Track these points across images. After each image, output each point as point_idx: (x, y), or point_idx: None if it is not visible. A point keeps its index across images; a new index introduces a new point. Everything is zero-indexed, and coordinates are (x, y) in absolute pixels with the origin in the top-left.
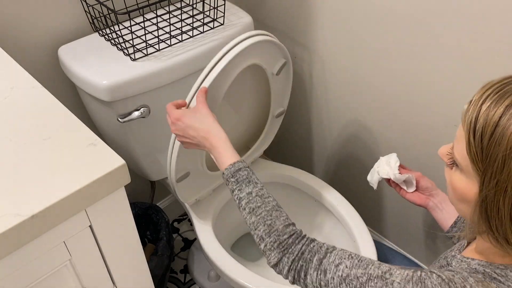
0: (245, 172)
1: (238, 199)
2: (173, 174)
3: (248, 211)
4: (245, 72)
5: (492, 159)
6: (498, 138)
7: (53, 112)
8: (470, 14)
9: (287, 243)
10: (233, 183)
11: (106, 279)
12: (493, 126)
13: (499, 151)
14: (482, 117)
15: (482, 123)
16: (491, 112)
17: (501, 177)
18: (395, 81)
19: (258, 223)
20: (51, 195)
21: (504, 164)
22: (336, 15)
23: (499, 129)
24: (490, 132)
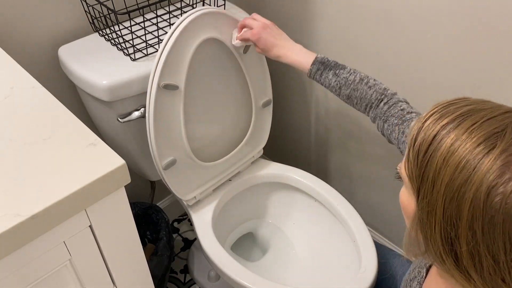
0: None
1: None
2: (156, 158)
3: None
4: (215, 55)
5: (424, 178)
6: (430, 157)
7: (53, 112)
8: (470, 14)
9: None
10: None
11: (106, 279)
12: (427, 144)
13: (430, 170)
14: (420, 134)
15: (420, 140)
16: (429, 130)
17: (431, 198)
18: (395, 81)
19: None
20: (51, 195)
21: (434, 185)
22: (336, 15)
23: (431, 148)
24: (424, 151)
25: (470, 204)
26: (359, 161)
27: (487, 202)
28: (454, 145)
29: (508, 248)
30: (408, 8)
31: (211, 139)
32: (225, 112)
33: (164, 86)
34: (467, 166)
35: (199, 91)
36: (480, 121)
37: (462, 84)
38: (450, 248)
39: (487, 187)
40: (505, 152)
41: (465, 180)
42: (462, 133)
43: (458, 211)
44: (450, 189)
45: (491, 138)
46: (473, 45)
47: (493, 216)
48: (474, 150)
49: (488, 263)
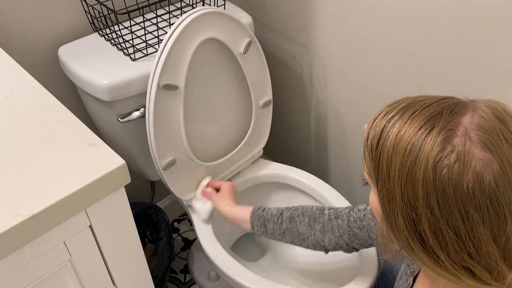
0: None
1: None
2: (156, 158)
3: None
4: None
5: (380, 169)
6: (382, 149)
7: (53, 112)
8: (471, 14)
9: None
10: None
11: (106, 279)
12: (377, 138)
13: (383, 161)
14: (371, 132)
15: (370, 137)
16: (377, 126)
17: (389, 185)
18: (395, 81)
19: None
20: (51, 195)
21: (389, 173)
22: (336, 15)
23: (381, 140)
24: (375, 145)
25: (422, 182)
26: (359, 161)
27: (436, 177)
28: (400, 133)
29: (465, 217)
30: (408, 8)
31: (211, 139)
32: (225, 112)
33: (164, 86)
34: (413, 148)
35: (199, 91)
36: (419, 109)
37: (462, 84)
38: (414, 230)
39: (433, 162)
40: (444, 129)
41: (413, 161)
42: (405, 122)
43: (414, 191)
44: (403, 172)
45: (430, 120)
46: (473, 45)
47: (444, 189)
48: (417, 133)
49: (451, 238)
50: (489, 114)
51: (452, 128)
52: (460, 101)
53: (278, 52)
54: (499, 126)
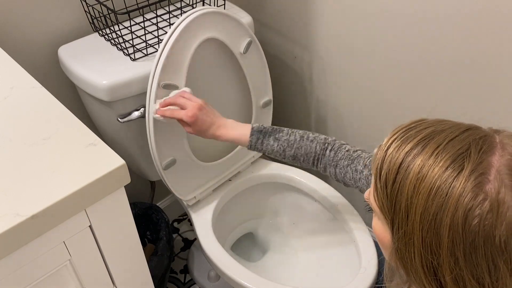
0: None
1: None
2: (156, 158)
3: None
4: (215, 55)
5: (397, 209)
6: (400, 186)
7: (53, 112)
8: (471, 14)
9: None
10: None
11: (106, 279)
12: (394, 173)
13: (401, 200)
14: (386, 163)
15: (385, 169)
16: (393, 158)
17: (407, 228)
18: (395, 81)
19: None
20: (51, 195)
21: (408, 214)
22: (336, 15)
23: (399, 176)
24: (392, 180)
25: (448, 230)
26: None
27: (466, 226)
28: (422, 171)
29: (492, 269)
30: (408, 8)
31: (211, 139)
32: (225, 112)
33: (164, 86)
34: (439, 192)
35: (199, 91)
36: (443, 143)
37: (462, 83)
38: (433, 277)
39: (463, 211)
40: (475, 173)
41: (439, 207)
42: (428, 158)
43: (438, 239)
44: (426, 217)
45: (457, 159)
46: (473, 45)
47: (473, 240)
48: (443, 174)
49: (472, 286)
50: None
51: (483, 172)
52: (486, 135)
53: (278, 52)
54: None
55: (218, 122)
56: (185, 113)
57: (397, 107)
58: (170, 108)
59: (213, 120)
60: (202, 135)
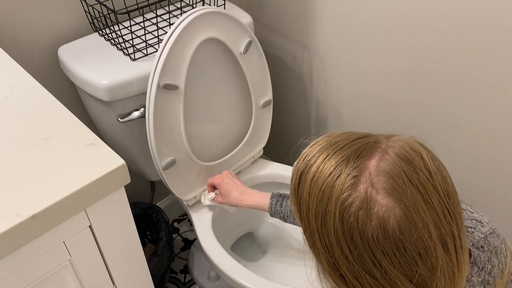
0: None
1: None
2: (156, 158)
3: None
4: (215, 55)
5: (301, 214)
6: (300, 193)
7: (53, 112)
8: (471, 16)
9: None
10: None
11: (106, 279)
12: (297, 183)
13: (303, 205)
14: (293, 175)
15: (294, 180)
16: (298, 170)
17: (310, 231)
18: (395, 81)
19: None
20: (51, 195)
21: (308, 218)
22: (337, 15)
23: (300, 186)
24: (296, 189)
25: (333, 229)
26: None
27: (344, 224)
28: (313, 179)
29: (376, 262)
30: (408, 8)
31: (211, 139)
32: (225, 112)
33: (164, 86)
34: (324, 195)
35: (199, 91)
36: (332, 152)
37: (462, 83)
38: (338, 274)
39: (340, 210)
40: (349, 176)
41: (325, 209)
42: (318, 167)
43: (329, 239)
44: (318, 220)
45: (339, 165)
46: (473, 45)
47: (352, 237)
48: (327, 179)
49: (369, 280)
50: (393, 156)
51: (357, 175)
52: (371, 143)
53: (278, 52)
54: (403, 168)
55: (242, 188)
56: (214, 178)
57: (397, 107)
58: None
59: (237, 184)
60: (229, 199)
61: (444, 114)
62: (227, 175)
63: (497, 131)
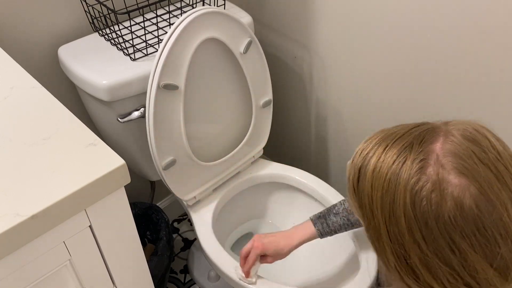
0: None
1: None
2: (156, 158)
3: None
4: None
5: (363, 208)
6: (361, 187)
7: (53, 112)
8: (471, 16)
9: None
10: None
11: (106, 279)
12: (356, 176)
13: (365, 199)
14: (351, 170)
15: (351, 176)
16: (356, 164)
17: (374, 224)
18: (395, 81)
19: None
20: (51, 195)
21: (372, 211)
22: (337, 15)
23: (361, 178)
24: (356, 183)
25: (404, 217)
26: None
27: (416, 209)
28: (375, 170)
29: (454, 247)
30: (409, 8)
31: (211, 139)
32: (225, 112)
33: (164, 86)
34: (390, 184)
35: (199, 91)
36: (391, 142)
37: (462, 83)
38: (406, 267)
39: (410, 195)
40: (416, 160)
41: (392, 197)
42: (378, 157)
43: (398, 228)
44: (385, 210)
45: (402, 153)
46: (473, 45)
47: (426, 222)
48: (391, 167)
49: (443, 270)
50: (459, 137)
51: (424, 158)
52: (431, 128)
53: (278, 52)
54: (471, 148)
55: (280, 236)
56: (252, 249)
57: (397, 107)
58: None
59: (277, 237)
60: (281, 253)
61: (444, 114)
62: (259, 237)
63: (497, 131)
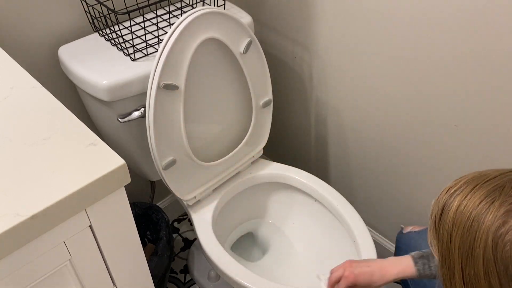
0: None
1: None
2: (156, 158)
3: None
4: (215, 55)
5: (440, 245)
6: (443, 223)
7: (53, 112)
8: (471, 16)
9: None
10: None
11: (106, 279)
12: (439, 213)
13: (443, 235)
14: (434, 207)
15: (434, 212)
16: (441, 201)
17: (449, 263)
18: (395, 81)
19: None
20: (51, 195)
21: (449, 249)
22: (337, 15)
23: (443, 215)
24: (438, 219)
25: (482, 259)
26: (359, 161)
27: (497, 253)
28: (460, 207)
29: None
30: (409, 8)
31: (211, 139)
32: (225, 112)
33: (164, 86)
34: (473, 224)
35: (199, 91)
36: (481, 182)
37: (463, 83)
38: None
39: (493, 238)
40: (505, 203)
41: (473, 238)
42: (465, 195)
43: (474, 270)
44: (463, 249)
45: (491, 194)
46: (474, 45)
47: (507, 267)
48: (477, 207)
49: None
50: None
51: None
52: None
53: (278, 52)
54: None
55: (378, 266)
56: (343, 278)
57: (397, 107)
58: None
59: (371, 267)
60: (373, 286)
61: (444, 114)
62: (351, 265)
63: (497, 131)
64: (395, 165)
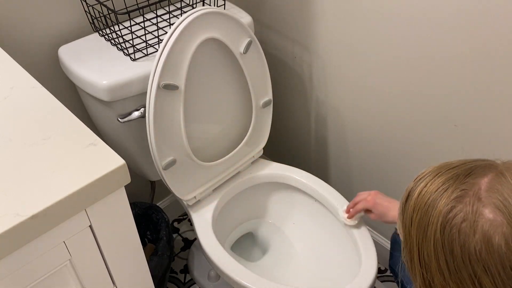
0: None
1: None
2: (156, 158)
3: None
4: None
5: (403, 228)
6: (406, 207)
7: (53, 112)
8: (471, 16)
9: None
10: None
11: (106, 279)
12: (405, 198)
13: (406, 219)
14: (404, 193)
15: (403, 197)
16: (408, 188)
17: (410, 245)
18: (395, 81)
19: None
20: (51, 195)
21: (410, 232)
22: (337, 15)
23: (408, 200)
24: (403, 204)
25: (433, 242)
26: (359, 161)
27: (444, 236)
28: (421, 193)
29: (476, 281)
30: (409, 8)
31: (211, 139)
32: (225, 112)
33: (164, 86)
34: (429, 209)
35: (199, 91)
36: (443, 171)
37: (463, 82)
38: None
39: (442, 221)
40: (457, 190)
41: (427, 221)
42: (427, 183)
43: (427, 252)
44: (419, 232)
45: (447, 181)
46: (474, 45)
47: (452, 249)
48: (434, 193)
49: None
50: (510, 180)
51: (466, 189)
52: (487, 164)
53: (278, 52)
54: None
55: (395, 206)
56: (364, 200)
57: (397, 107)
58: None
59: (392, 204)
60: (384, 219)
61: (444, 114)
62: (376, 195)
63: (497, 131)
64: (395, 165)
